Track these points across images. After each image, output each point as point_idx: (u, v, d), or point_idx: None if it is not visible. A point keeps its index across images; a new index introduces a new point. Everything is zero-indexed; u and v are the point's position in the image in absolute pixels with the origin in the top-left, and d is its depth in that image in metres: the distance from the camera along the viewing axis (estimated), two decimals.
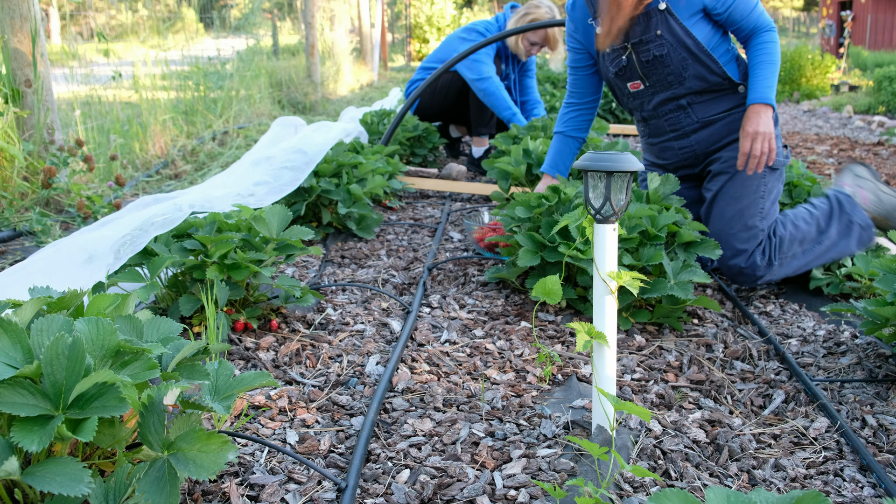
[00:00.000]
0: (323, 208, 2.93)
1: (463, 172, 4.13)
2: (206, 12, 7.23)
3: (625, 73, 2.40)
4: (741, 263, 2.31)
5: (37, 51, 3.15)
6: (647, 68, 2.35)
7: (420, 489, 1.29)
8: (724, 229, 2.34)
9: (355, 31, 11.63)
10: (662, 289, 1.99)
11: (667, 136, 2.48)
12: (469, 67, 4.15)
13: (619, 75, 2.42)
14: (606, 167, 1.31)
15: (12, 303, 1.21)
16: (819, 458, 1.46)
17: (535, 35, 4.23)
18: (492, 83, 4.13)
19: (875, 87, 8.26)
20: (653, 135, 2.54)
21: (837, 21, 16.47)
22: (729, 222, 2.34)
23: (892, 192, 2.52)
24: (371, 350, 1.88)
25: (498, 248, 2.52)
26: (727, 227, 2.34)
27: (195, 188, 2.81)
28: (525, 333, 2.03)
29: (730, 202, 2.36)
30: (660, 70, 2.34)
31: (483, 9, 25.82)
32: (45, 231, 2.76)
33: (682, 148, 2.47)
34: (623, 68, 2.39)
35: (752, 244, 2.31)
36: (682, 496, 0.90)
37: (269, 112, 6.41)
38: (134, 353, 1.08)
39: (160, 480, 1.01)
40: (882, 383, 1.78)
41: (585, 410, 1.58)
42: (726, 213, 2.35)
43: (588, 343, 1.31)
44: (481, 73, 4.13)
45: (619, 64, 2.39)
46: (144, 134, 4.31)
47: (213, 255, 1.88)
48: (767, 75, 2.28)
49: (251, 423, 1.51)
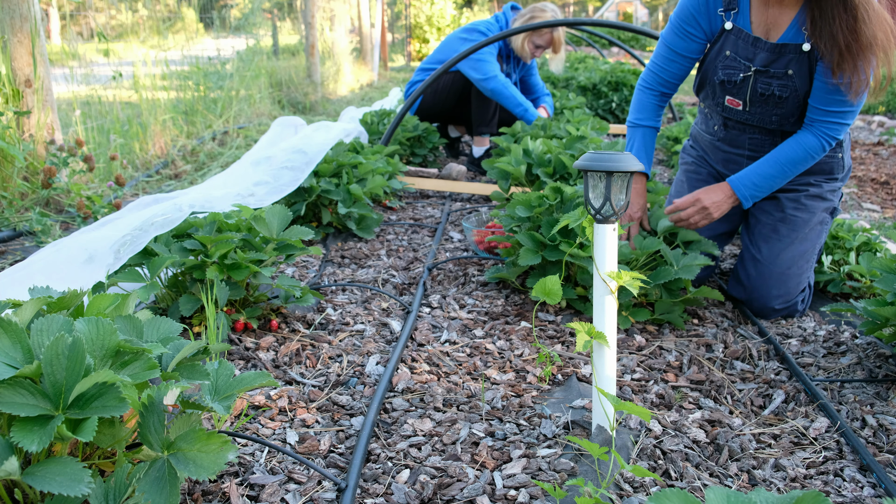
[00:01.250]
0: (323, 208, 2.93)
1: (463, 172, 4.13)
2: (206, 12, 7.23)
3: (731, 88, 2.14)
4: (780, 307, 2.20)
5: (37, 51, 3.15)
6: (758, 99, 2.10)
7: (420, 489, 1.29)
8: (783, 270, 2.19)
9: (355, 31, 11.63)
10: (667, 274, 1.99)
11: (741, 152, 2.26)
12: (474, 68, 4.15)
13: (723, 86, 2.16)
14: (606, 167, 1.31)
15: (12, 303, 1.21)
16: (819, 458, 1.46)
17: (541, 38, 4.24)
18: (498, 81, 4.13)
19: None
20: (726, 141, 2.28)
21: None
22: (788, 264, 2.19)
23: None
24: (371, 350, 1.88)
25: (497, 249, 2.52)
26: (786, 267, 2.19)
27: (195, 188, 2.81)
28: (525, 333, 2.03)
29: (790, 244, 2.20)
30: (771, 108, 2.10)
31: (483, 9, 25.82)
32: (45, 231, 2.76)
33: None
34: (732, 83, 2.13)
35: (797, 293, 2.21)
36: (682, 496, 0.90)
37: (269, 112, 6.41)
38: (134, 353, 1.08)
39: (160, 480, 1.01)
40: (882, 383, 1.78)
41: (585, 410, 1.58)
42: (785, 254, 2.19)
43: (588, 343, 1.31)
44: (487, 72, 4.13)
45: (731, 77, 2.12)
46: (144, 134, 4.31)
47: (213, 255, 1.88)
48: (771, 174, 2.10)
49: (251, 423, 1.51)
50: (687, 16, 2.14)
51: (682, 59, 2.20)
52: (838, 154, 2.23)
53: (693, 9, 2.13)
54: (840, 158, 2.24)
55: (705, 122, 2.37)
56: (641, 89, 2.30)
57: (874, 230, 2.58)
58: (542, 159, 2.96)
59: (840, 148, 2.22)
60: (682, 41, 2.17)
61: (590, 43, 9.04)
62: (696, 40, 2.16)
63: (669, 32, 2.20)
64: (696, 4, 2.12)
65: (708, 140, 2.36)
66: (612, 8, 32.64)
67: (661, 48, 2.23)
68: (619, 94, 6.64)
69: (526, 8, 4.31)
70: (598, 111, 6.65)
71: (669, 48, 2.20)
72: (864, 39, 1.85)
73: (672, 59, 2.21)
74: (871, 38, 1.85)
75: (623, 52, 14.79)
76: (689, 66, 2.22)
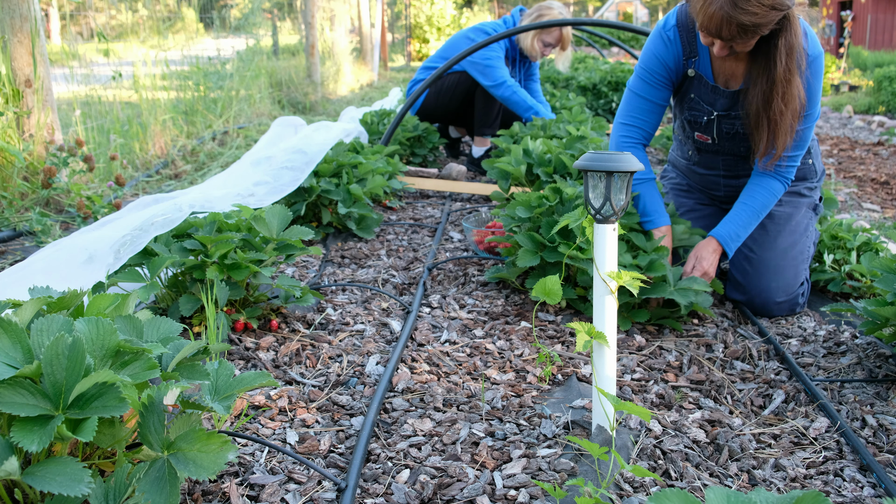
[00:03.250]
0: (323, 208, 2.93)
1: (463, 172, 4.12)
2: (206, 12, 7.23)
3: (698, 127, 2.26)
4: (782, 300, 2.23)
5: (37, 51, 3.15)
6: (725, 136, 2.22)
7: (420, 489, 1.29)
8: (777, 262, 2.24)
9: (355, 31, 11.64)
10: (662, 291, 2.01)
11: (717, 172, 2.37)
12: (483, 73, 4.15)
13: (691, 125, 2.27)
14: (606, 167, 1.31)
15: (12, 303, 1.21)
16: (819, 458, 1.46)
17: (550, 36, 4.24)
18: (508, 88, 4.13)
19: (875, 87, 8.26)
20: (701, 165, 2.39)
21: (837, 21, 16.47)
22: (781, 255, 2.25)
23: None
24: (371, 350, 1.88)
25: (498, 248, 2.52)
26: (780, 258, 2.25)
27: (195, 188, 2.81)
28: (525, 333, 2.03)
29: (779, 235, 2.27)
30: (738, 142, 2.23)
31: (483, 9, 25.81)
32: (45, 231, 2.76)
33: (730, 186, 2.37)
34: (698, 123, 2.25)
35: (796, 286, 2.25)
36: (682, 496, 0.90)
37: (269, 112, 6.41)
38: (134, 353, 1.08)
39: (160, 480, 1.01)
40: (882, 383, 1.78)
41: (585, 410, 1.58)
42: (777, 246, 2.26)
43: (588, 343, 1.31)
44: (496, 78, 4.13)
45: (697, 118, 2.24)
46: (144, 134, 4.31)
47: (213, 255, 1.88)
48: (748, 221, 2.17)
49: (251, 423, 1.51)
50: (655, 68, 2.20)
51: (657, 108, 2.24)
52: (808, 161, 2.32)
53: (660, 59, 2.18)
54: (811, 165, 2.33)
55: (680, 149, 2.48)
56: (626, 142, 2.28)
57: (874, 230, 2.58)
58: (543, 159, 2.96)
59: (809, 155, 2.32)
60: (654, 90, 2.22)
61: (590, 43, 9.05)
62: (666, 88, 2.22)
63: (640, 83, 2.23)
64: (663, 55, 2.18)
65: (684, 164, 2.47)
66: (612, 8, 32.65)
67: (634, 101, 2.25)
68: (619, 93, 6.65)
69: (532, 7, 4.31)
70: (598, 111, 6.66)
71: (644, 98, 2.23)
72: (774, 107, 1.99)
73: (650, 110, 2.24)
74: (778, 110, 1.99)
75: (623, 52, 14.80)
76: (661, 114, 2.27)
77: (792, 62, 1.92)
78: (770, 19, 1.83)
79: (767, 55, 1.95)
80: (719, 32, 1.86)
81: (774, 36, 1.91)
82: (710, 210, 2.45)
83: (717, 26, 1.84)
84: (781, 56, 1.92)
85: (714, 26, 1.85)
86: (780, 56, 1.92)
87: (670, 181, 2.57)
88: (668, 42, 2.15)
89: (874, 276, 2.07)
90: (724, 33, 1.86)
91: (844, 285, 2.35)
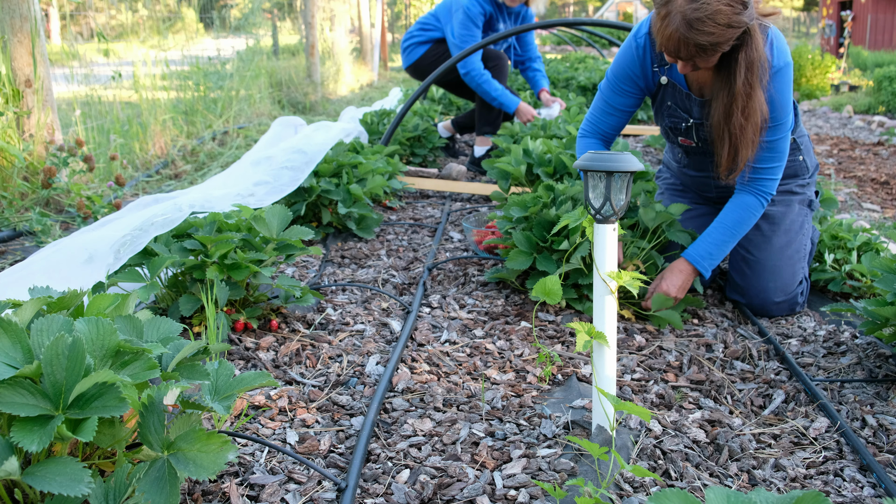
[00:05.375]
0: (323, 208, 2.93)
1: (463, 172, 4.12)
2: (206, 12, 7.23)
3: (680, 132, 2.25)
4: (781, 300, 2.23)
5: (37, 51, 3.15)
6: (707, 143, 2.21)
7: (420, 489, 1.29)
8: (774, 262, 2.24)
9: (355, 31, 11.63)
10: (665, 303, 2.03)
11: (707, 174, 2.34)
12: (460, 64, 4.10)
13: (673, 131, 2.27)
14: (606, 167, 1.31)
15: (12, 303, 1.21)
16: (819, 458, 1.46)
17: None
18: (471, 78, 4.07)
19: (875, 87, 8.26)
20: (691, 167, 2.39)
21: (837, 21, 16.47)
22: (778, 255, 2.25)
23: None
24: (371, 350, 1.88)
25: (497, 249, 2.52)
26: (777, 258, 2.24)
27: (195, 188, 2.81)
28: (525, 333, 2.03)
29: (775, 234, 2.26)
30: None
31: None
32: (45, 231, 2.76)
33: (720, 187, 2.36)
34: (678, 129, 2.24)
35: (795, 285, 2.24)
36: (682, 496, 0.90)
37: (269, 112, 6.41)
38: (134, 353, 1.08)
39: (160, 480, 1.01)
40: (882, 383, 1.78)
41: (585, 410, 1.58)
42: (773, 246, 2.26)
43: (588, 343, 1.31)
44: (465, 65, 4.08)
45: (676, 125, 2.23)
46: (144, 134, 4.31)
47: (213, 255, 1.88)
48: (723, 240, 2.12)
49: (251, 423, 1.51)
50: (623, 75, 2.19)
51: (619, 113, 2.26)
52: (798, 157, 2.30)
53: (628, 68, 2.17)
54: (801, 161, 2.31)
55: (671, 152, 2.50)
56: (583, 136, 2.34)
57: (874, 230, 2.58)
58: (543, 159, 2.96)
59: (799, 151, 2.30)
60: (619, 97, 2.23)
61: (590, 43, 9.04)
62: (632, 96, 2.22)
63: (607, 88, 2.24)
64: (631, 64, 2.16)
65: (676, 167, 2.48)
66: (612, 8, 32.64)
67: (599, 101, 2.29)
68: None
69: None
70: None
71: (607, 103, 2.26)
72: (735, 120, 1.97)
73: (610, 112, 2.26)
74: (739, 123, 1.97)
75: None
76: (626, 118, 2.28)
77: (752, 76, 1.91)
78: (728, 37, 1.82)
79: (728, 69, 1.94)
80: (678, 53, 1.86)
81: (735, 51, 1.91)
82: (705, 209, 2.45)
83: (675, 47, 1.85)
84: (741, 70, 1.91)
85: (672, 47, 1.85)
86: (740, 70, 1.91)
87: (665, 181, 2.58)
88: (639, 50, 2.14)
89: (874, 276, 2.07)
90: (682, 54, 1.86)
91: (844, 285, 2.35)
